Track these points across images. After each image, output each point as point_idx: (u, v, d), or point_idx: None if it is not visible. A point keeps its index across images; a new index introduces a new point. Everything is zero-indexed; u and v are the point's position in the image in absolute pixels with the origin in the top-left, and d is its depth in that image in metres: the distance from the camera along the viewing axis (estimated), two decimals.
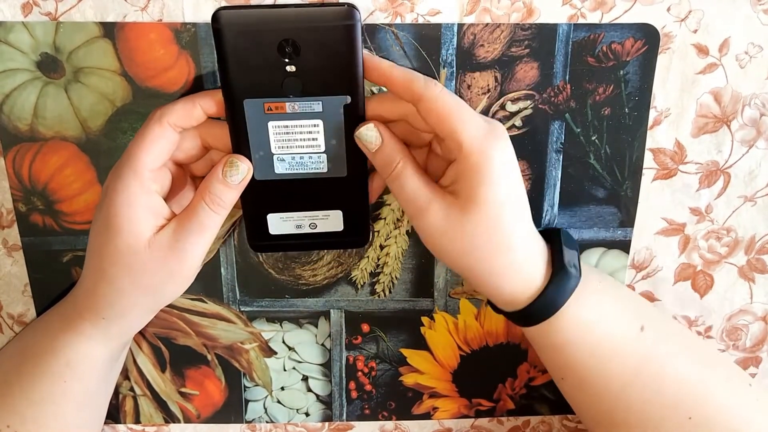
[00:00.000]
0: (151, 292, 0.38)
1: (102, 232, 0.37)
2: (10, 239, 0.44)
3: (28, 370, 0.40)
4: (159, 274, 0.37)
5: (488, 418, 0.51)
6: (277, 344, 0.48)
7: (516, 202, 0.37)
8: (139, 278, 0.37)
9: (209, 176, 0.37)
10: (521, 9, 0.39)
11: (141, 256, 0.36)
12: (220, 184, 0.36)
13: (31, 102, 0.41)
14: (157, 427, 0.50)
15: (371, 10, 0.39)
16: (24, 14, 0.39)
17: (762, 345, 0.48)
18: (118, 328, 0.40)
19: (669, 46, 0.41)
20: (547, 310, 0.38)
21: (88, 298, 0.39)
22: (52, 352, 0.39)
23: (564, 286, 0.38)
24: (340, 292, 0.47)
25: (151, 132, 0.36)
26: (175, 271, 0.37)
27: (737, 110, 0.42)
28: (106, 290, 0.38)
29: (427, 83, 0.34)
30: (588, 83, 0.41)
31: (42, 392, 0.39)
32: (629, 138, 0.43)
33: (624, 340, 0.39)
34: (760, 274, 0.46)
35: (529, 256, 0.38)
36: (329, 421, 0.51)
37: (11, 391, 0.40)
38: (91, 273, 0.38)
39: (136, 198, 0.36)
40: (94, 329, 0.39)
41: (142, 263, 0.36)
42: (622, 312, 0.40)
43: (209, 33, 0.40)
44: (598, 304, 0.39)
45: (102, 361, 0.40)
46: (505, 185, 0.36)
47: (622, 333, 0.39)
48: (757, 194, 0.44)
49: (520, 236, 0.37)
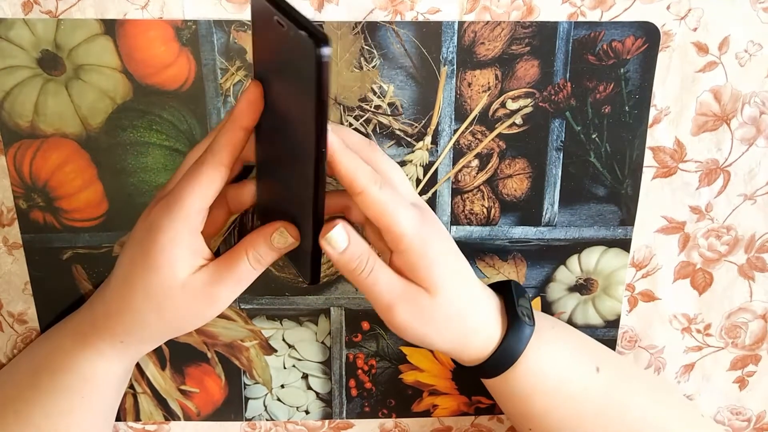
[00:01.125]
0: (174, 328, 0.38)
1: (138, 264, 0.37)
2: (11, 237, 0.44)
3: (43, 386, 0.40)
4: (187, 315, 0.37)
5: (488, 416, 0.51)
6: (277, 342, 0.48)
7: (462, 273, 0.38)
8: (166, 315, 0.37)
9: (257, 235, 0.37)
10: (521, 7, 0.40)
11: (174, 296, 0.36)
12: (267, 247, 0.36)
13: (32, 99, 0.41)
14: (158, 425, 0.50)
15: (371, 8, 0.39)
16: (24, 12, 0.39)
17: (761, 343, 0.48)
18: (135, 351, 0.40)
19: (669, 45, 0.41)
20: (505, 361, 0.39)
21: (109, 321, 0.39)
22: (70, 369, 0.39)
23: (520, 336, 0.39)
24: (340, 290, 0.47)
25: (204, 175, 0.35)
26: (202, 312, 0.38)
27: (737, 108, 0.42)
28: (130, 319, 0.38)
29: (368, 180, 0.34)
30: (588, 81, 0.42)
31: (59, 406, 0.40)
32: (629, 136, 0.43)
33: (581, 383, 0.41)
34: (760, 273, 0.46)
35: (486, 317, 0.39)
36: (329, 419, 0.51)
37: (27, 406, 0.40)
38: (116, 299, 0.38)
39: (182, 239, 0.36)
40: (112, 350, 0.39)
41: (173, 303, 0.37)
42: (577, 356, 0.42)
43: (210, 30, 0.40)
44: (553, 351, 0.41)
45: (118, 377, 0.41)
46: (451, 262, 0.38)
47: (579, 376, 0.41)
48: (757, 192, 0.44)
49: (476, 302, 0.39)
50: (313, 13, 0.39)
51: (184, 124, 0.42)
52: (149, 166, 0.43)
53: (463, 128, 0.43)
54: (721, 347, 0.48)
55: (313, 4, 0.39)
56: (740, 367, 0.49)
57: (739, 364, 0.49)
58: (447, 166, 0.44)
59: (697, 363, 0.49)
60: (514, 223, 0.45)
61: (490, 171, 0.44)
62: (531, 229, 0.45)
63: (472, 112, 0.42)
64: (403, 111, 0.42)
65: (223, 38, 0.40)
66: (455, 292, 0.37)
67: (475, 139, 0.43)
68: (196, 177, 0.35)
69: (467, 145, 0.43)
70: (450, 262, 0.38)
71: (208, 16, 0.39)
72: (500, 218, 0.45)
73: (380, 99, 0.42)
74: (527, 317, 0.40)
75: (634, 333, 0.48)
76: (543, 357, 0.40)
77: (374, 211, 0.35)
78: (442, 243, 0.37)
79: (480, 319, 0.39)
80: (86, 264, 0.45)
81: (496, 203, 0.45)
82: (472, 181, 0.44)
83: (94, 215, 0.44)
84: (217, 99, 0.41)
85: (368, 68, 0.41)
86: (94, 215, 0.44)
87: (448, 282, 0.37)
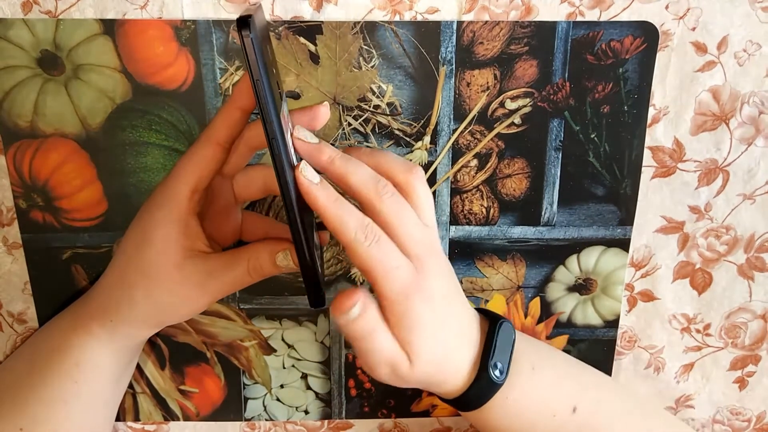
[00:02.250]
0: (162, 310, 0.38)
1: (133, 240, 0.38)
2: (10, 237, 0.44)
3: (38, 370, 0.40)
4: (175, 296, 0.37)
5: None
6: (276, 342, 0.48)
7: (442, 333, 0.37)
8: (155, 292, 0.37)
9: (264, 247, 0.37)
10: (519, 7, 0.40)
11: (165, 273, 0.37)
12: (269, 264, 0.37)
13: (32, 99, 0.41)
14: (157, 425, 0.50)
15: (370, 8, 0.39)
16: (24, 12, 0.39)
17: (761, 343, 0.48)
18: (123, 334, 0.40)
19: (668, 44, 0.41)
20: (467, 407, 0.39)
21: (101, 299, 0.40)
22: (62, 351, 0.40)
23: (483, 392, 0.38)
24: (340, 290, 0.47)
25: (198, 154, 0.36)
26: (190, 300, 0.38)
27: (736, 108, 0.42)
28: (121, 295, 0.38)
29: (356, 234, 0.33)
30: (587, 81, 0.42)
31: (53, 392, 0.39)
32: (628, 136, 0.43)
33: (556, 422, 0.40)
34: (760, 272, 0.46)
35: (456, 369, 0.38)
36: (328, 419, 0.51)
37: (22, 392, 0.40)
38: (110, 276, 0.39)
39: (178, 217, 0.36)
40: (102, 330, 0.39)
41: (164, 280, 0.37)
42: (554, 395, 0.41)
43: (209, 30, 0.40)
44: (529, 391, 0.40)
45: (110, 363, 0.41)
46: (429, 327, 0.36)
47: (554, 416, 0.40)
48: (756, 192, 0.44)
49: (449, 359, 0.38)
50: (312, 13, 0.40)
51: (184, 124, 0.42)
52: (148, 166, 0.43)
53: (462, 128, 0.43)
54: (720, 347, 0.48)
55: (312, 4, 0.39)
56: (740, 368, 0.49)
57: (739, 364, 0.49)
58: (446, 165, 0.44)
59: (696, 363, 0.49)
60: (513, 223, 0.45)
61: (489, 171, 0.44)
62: (530, 229, 0.45)
63: (471, 111, 0.42)
64: (402, 111, 0.42)
65: (222, 38, 0.40)
66: (431, 359, 0.36)
67: (474, 138, 0.43)
68: (189, 153, 0.36)
69: (466, 145, 0.43)
70: (429, 327, 0.36)
71: (207, 16, 0.39)
72: (499, 218, 0.45)
73: (379, 99, 0.42)
74: (498, 371, 0.38)
75: (634, 333, 0.48)
76: (510, 405, 0.39)
77: (361, 266, 0.34)
78: (424, 307, 0.35)
79: (449, 374, 0.38)
80: (86, 264, 0.45)
81: (495, 203, 0.45)
82: (471, 180, 0.44)
83: (93, 215, 0.44)
84: (216, 99, 0.41)
85: (367, 68, 0.41)
86: (93, 215, 0.44)
87: (425, 349, 0.36)
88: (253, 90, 0.30)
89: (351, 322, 0.35)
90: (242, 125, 0.36)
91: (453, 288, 0.38)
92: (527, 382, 0.40)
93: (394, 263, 0.34)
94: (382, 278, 0.34)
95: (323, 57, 0.41)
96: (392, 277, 0.34)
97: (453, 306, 0.38)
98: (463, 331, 0.39)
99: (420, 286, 0.35)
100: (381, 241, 0.34)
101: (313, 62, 0.41)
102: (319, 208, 0.33)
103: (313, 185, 0.33)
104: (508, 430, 0.40)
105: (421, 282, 0.35)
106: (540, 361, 0.42)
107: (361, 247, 0.33)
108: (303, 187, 0.32)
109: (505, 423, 0.40)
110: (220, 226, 0.40)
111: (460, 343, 0.38)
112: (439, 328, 0.37)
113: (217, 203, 0.39)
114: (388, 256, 0.34)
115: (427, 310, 0.36)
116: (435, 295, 0.36)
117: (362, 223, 0.33)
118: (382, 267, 0.34)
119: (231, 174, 0.39)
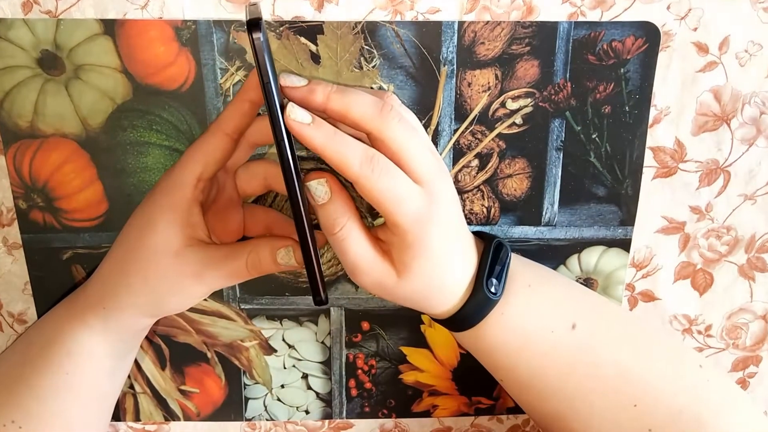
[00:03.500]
0: (157, 298, 0.38)
1: (136, 225, 0.38)
2: (10, 237, 0.44)
3: (31, 361, 0.40)
4: (171, 285, 0.38)
5: (488, 416, 0.51)
6: (277, 342, 0.48)
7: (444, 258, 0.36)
8: (152, 279, 0.37)
9: (266, 243, 0.37)
10: (521, 7, 0.40)
11: (165, 259, 0.37)
12: (270, 260, 0.37)
13: (32, 99, 0.41)
14: (158, 426, 0.50)
15: (371, 8, 0.39)
16: (24, 12, 0.39)
17: (762, 344, 0.48)
18: (116, 322, 0.40)
19: (669, 44, 0.41)
20: (462, 325, 0.38)
21: (97, 286, 0.40)
22: (55, 341, 0.40)
23: (478, 309, 0.38)
24: (340, 290, 0.47)
25: (205, 142, 0.36)
26: (186, 289, 0.38)
27: (737, 108, 0.42)
28: (117, 281, 0.38)
29: (361, 167, 0.32)
30: (588, 81, 0.41)
31: (44, 384, 0.39)
32: (629, 136, 0.43)
33: (549, 342, 0.39)
34: (761, 273, 0.46)
35: (451, 291, 0.38)
36: (329, 419, 0.51)
37: (17, 384, 0.40)
38: (108, 264, 0.39)
39: (182, 204, 0.36)
40: (95, 318, 0.39)
41: (161, 267, 0.37)
42: (549, 314, 0.40)
43: (209, 30, 0.40)
44: (518, 314, 0.39)
45: (103, 354, 0.40)
46: (436, 254, 0.35)
47: (546, 336, 0.39)
48: (757, 192, 0.44)
49: (443, 280, 0.37)
50: (313, 13, 0.39)
51: (184, 124, 0.42)
52: (149, 166, 0.43)
53: (463, 128, 0.43)
54: (722, 348, 0.48)
55: (313, 4, 0.39)
56: (741, 369, 0.49)
57: (740, 365, 0.49)
58: (447, 165, 0.44)
59: None
60: (514, 223, 0.45)
61: (490, 171, 0.44)
62: (531, 229, 0.45)
63: (472, 111, 0.42)
64: None
65: (222, 38, 0.40)
66: (424, 279, 0.36)
67: (475, 138, 0.43)
68: (197, 142, 0.36)
69: (467, 145, 0.43)
70: (436, 253, 0.35)
71: (207, 16, 0.39)
72: (500, 218, 0.45)
73: None
74: (492, 290, 0.38)
75: None
76: (506, 320, 0.38)
77: (371, 199, 0.33)
78: (436, 234, 0.35)
79: (444, 294, 0.37)
80: (86, 264, 0.45)
81: (496, 203, 0.45)
82: (472, 180, 0.44)
83: (93, 215, 0.44)
84: (216, 99, 0.41)
85: (368, 68, 0.41)
86: (93, 215, 0.44)
87: (422, 270, 0.35)
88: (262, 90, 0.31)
89: (320, 208, 0.34)
90: (251, 117, 0.36)
91: (459, 211, 0.38)
92: (523, 298, 0.39)
93: (405, 193, 0.33)
94: (394, 210, 0.33)
95: (324, 57, 0.41)
96: (404, 207, 0.33)
97: (459, 230, 0.37)
98: (465, 253, 0.38)
99: (432, 213, 0.34)
100: (389, 170, 0.32)
101: (314, 62, 0.41)
102: (318, 148, 0.31)
103: (306, 127, 0.31)
104: (503, 347, 0.39)
105: (433, 209, 0.34)
106: (538, 279, 0.41)
107: (369, 180, 0.32)
108: (295, 131, 0.31)
109: (500, 339, 0.39)
110: (222, 222, 0.40)
111: (459, 263, 0.38)
112: (445, 253, 0.36)
113: (220, 199, 0.39)
114: (397, 187, 0.33)
115: (439, 238, 0.35)
116: (445, 221, 0.35)
117: (366, 155, 0.32)
118: (392, 198, 0.33)
119: (233, 168, 0.39)
